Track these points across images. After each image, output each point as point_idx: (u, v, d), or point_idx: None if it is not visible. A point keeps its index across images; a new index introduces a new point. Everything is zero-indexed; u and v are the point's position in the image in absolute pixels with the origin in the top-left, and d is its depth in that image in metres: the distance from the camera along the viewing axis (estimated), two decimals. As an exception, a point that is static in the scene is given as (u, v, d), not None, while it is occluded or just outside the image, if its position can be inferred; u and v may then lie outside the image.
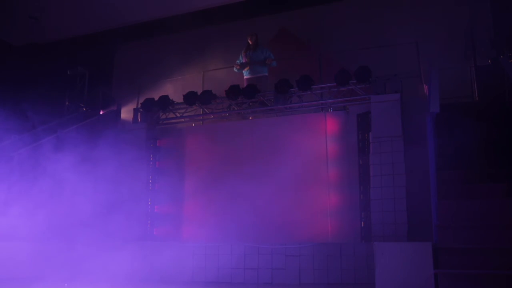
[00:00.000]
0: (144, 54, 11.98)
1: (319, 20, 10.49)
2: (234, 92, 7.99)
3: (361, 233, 6.72)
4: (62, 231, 7.09)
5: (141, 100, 9.00)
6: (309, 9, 10.64)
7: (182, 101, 8.35)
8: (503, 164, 5.54)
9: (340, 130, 7.48)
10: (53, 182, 7.01)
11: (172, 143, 8.50)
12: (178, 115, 8.68)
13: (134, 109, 9.00)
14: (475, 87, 8.50)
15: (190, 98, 8.26)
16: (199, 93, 8.33)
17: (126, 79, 11.84)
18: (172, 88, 10.16)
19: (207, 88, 8.58)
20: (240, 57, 8.89)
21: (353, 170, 7.06)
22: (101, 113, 11.14)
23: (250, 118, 8.63)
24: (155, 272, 6.75)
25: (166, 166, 8.36)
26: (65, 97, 11.51)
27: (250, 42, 8.79)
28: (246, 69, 8.77)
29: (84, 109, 11.29)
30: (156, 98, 8.51)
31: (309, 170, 7.40)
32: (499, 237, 4.79)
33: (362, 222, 6.72)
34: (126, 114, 10.58)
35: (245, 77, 8.81)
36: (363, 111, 7.11)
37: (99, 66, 12.15)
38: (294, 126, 7.83)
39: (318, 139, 7.53)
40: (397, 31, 9.09)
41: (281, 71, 8.67)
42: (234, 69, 8.93)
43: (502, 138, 5.92)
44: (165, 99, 8.45)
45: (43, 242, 7.08)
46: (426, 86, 7.52)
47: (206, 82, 9.99)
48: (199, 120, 8.98)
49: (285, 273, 6.30)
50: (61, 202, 7.15)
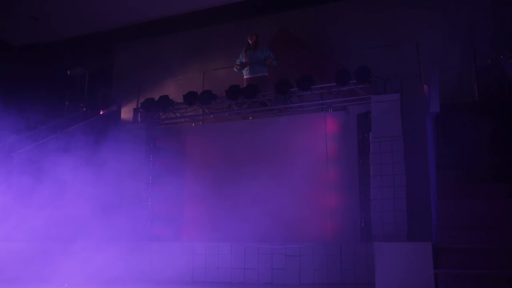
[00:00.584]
0: (144, 54, 11.98)
1: (319, 20, 10.48)
2: (234, 92, 7.99)
3: (361, 233, 6.71)
4: (62, 231, 7.09)
5: (141, 100, 9.01)
6: (309, 9, 10.64)
7: (182, 101, 8.34)
8: (504, 164, 5.55)
9: (340, 130, 7.48)
10: (53, 182, 7.00)
11: (172, 143, 8.50)
12: (178, 115, 8.68)
13: (134, 109, 9.00)
14: (475, 87, 8.51)
15: (190, 98, 8.26)
16: (199, 93, 8.32)
17: (126, 79, 11.84)
18: (172, 88, 10.17)
19: (207, 88, 8.58)
20: (240, 56, 8.88)
21: (353, 170, 7.05)
22: (101, 113, 11.16)
23: (250, 118, 8.62)
24: (155, 272, 6.75)
25: (166, 166, 8.35)
26: (65, 97, 11.54)
27: (250, 42, 8.77)
28: (246, 69, 8.75)
29: (84, 109, 11.31)
30: (156, 98, 8.50)
31: (309, 170, 7.39)
32: (499, 237, 4.79)
33: (362, 222, 6.71)
34: (126, 114, 10.59)
35: (245, 77, 8.79)
36: (363, 111, 7.10)
37: (99, 66, 12.16)
38: (294, 126, 7.83)
39: (318, 139, 7.53)
40: (397, 31, 9.11)
41: (281, 71, 8.66)
42: (234, 69, 8.92)
43: (503, 138, 5.92)
44: (165, 99, 8.44)
45: (43, 242, 7.09)
46: (426, 86, 7.52)
47: (206, 82, 10.00)
48: (199, 120, 8.99)
49: (285, 273, 6.29)
50: (60, 202, 7.14)
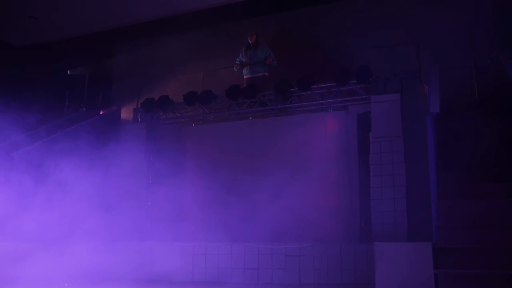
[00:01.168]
0: (144, 54, 11.97)
1: (319, 20, 10.48)
2: (234, 92, 7.98)
3: (361, 233, 6.71)
4: (62, 231, 7.09)
5: (141, 100, 9.01)
6: (309, 9, 10.63)
7: (182, 101, 8.34)
8: (504, 164, 5.54)
9: (340, 130, 7.47)
10: (53, 182, 7.01)
11: (172, 143, 8.49)
12: (178, 115, 8.68)
13: (134, 109, 9.00)
14: (475, 87, 8.50)
15: (190, 98, 8.25)
16: (199, 93, 8.32)
17: (126, 79, 11.84)
18: (172, 88, 10.16)
19: (207, 88, 8.57)
20: (240, 56, 8.87)
21: (353, 170, 7.05)
22: (101, 113, 11.16)
23: (250, 118, 8.62)
24: (155, 272, 6.74)
25: (166, 166, 8.35)
26: (65, 97, 11.56)
27: (250, 42, 8.75)
28: (245, 68, 8.75)
29: (84, 109, 11.33)
30: (156, 98, 8.50)
31: (309, 170, 7.39)
32: (499, 237, 4.79)
33: (362, 222, 6.72)
34: (126, 114, 10.60)
35: (245, 76, 8.77)
36: (363, 111, 7.11)
37: (99, 66, 12.16)
38: (294, 126, 7.83)
39: (318, 139, 7.53)
40: (397, 31, 9.10)
41: (281, 71, 8.66)
42: (234, 68, 8.91)
43: (503, 138, 5.92)
44: (165, 99, 8.44)
45: (43, 241, 7.08)
46: (426, 86, 7.51)
47: (206, 82, 10.00)
48: (199, 120, 8.99)
49: (285, 273, 6.29)
50: (60, 202, 7.15)
